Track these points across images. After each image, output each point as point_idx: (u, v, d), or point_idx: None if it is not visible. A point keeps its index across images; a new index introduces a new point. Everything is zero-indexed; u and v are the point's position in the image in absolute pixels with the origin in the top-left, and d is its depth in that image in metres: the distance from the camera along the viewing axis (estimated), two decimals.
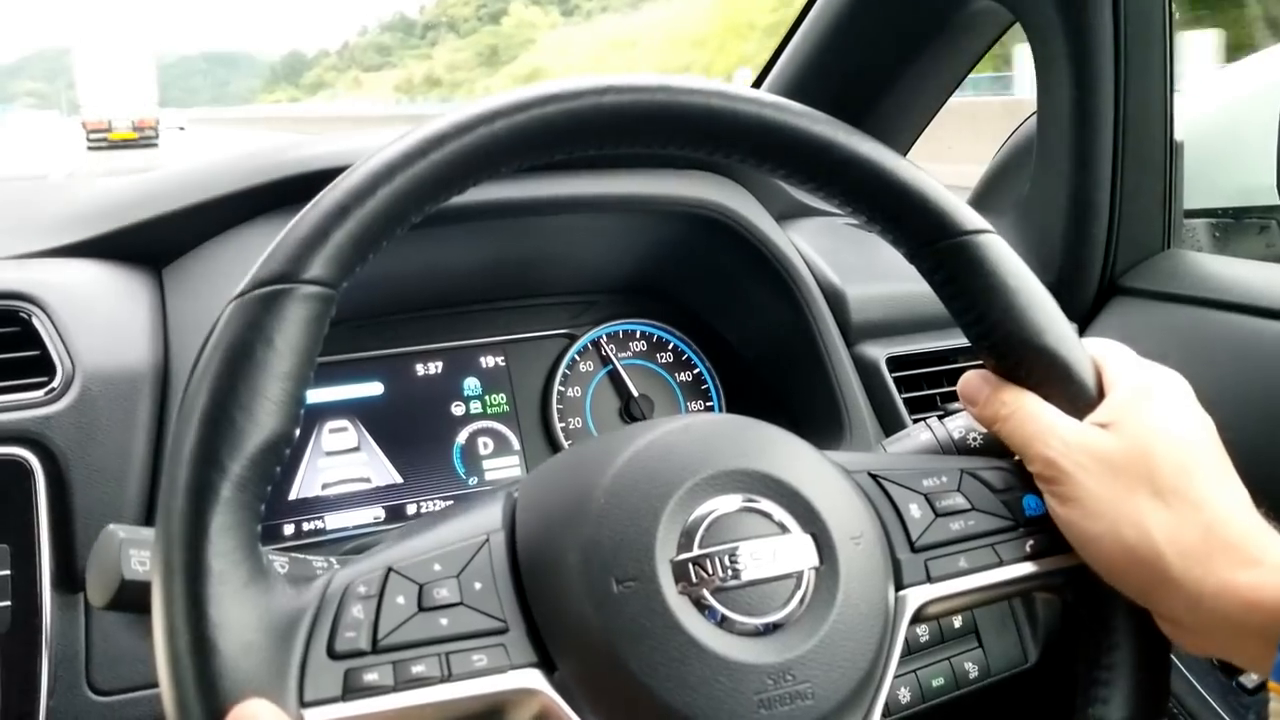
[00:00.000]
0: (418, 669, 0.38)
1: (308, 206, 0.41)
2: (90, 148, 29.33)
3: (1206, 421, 0.47)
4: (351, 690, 0.37)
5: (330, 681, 0.37)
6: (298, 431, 0.40)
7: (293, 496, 0.79)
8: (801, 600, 0.42)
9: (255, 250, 0.41)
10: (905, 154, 0.48)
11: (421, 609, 0.39)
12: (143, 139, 31.53)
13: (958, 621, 0.79)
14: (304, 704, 0.37)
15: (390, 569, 0.40)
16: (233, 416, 0.38)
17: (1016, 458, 0.50)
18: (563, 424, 0.88)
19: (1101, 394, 0.48)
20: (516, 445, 0.87)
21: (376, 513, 0.81)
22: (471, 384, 0.88)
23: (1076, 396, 0.48)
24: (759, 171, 0.48)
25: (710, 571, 0.41)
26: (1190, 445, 0.45)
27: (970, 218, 0.48)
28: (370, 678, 0.38)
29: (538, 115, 0.43)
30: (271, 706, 0.36)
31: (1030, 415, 0.48)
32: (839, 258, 0.90)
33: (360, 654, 0.38)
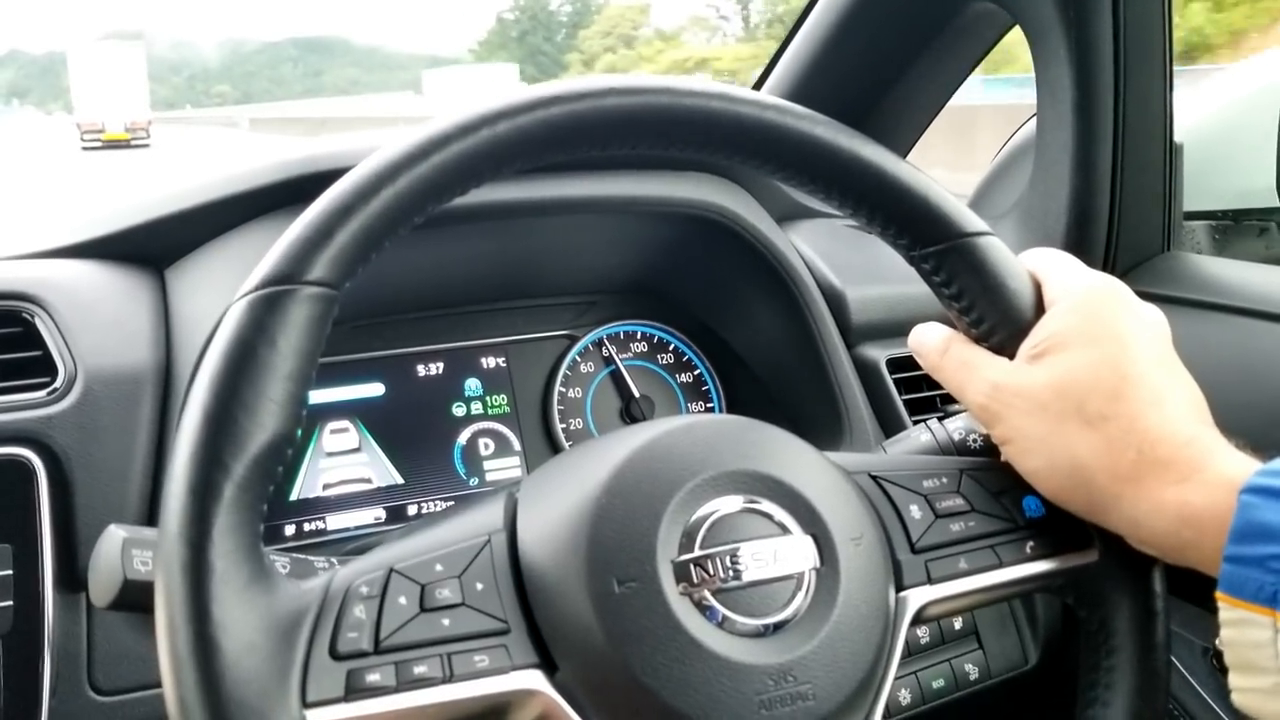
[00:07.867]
0: (420, 670, 0.38)
1: (311, 207, 0.41)
2: (84, 148, 29.53)
3: (1147, 327, 0.47)
4: (354, 691, 0.37)
5: (332, 682, 0.37)
6: (300, 432, 0.40)
7: (294, 497, 0.79)
8: (802, 601, 0.42)
9: (258, 251, 0.41)
10: (904, 157, 0.49)
11: (423, 610, 0.40)
12: (135, 140, 31.84)
13: (958, 623, 0.79)
14: (306, 704, 0.37)
15: (392, 569, 0.40)
16: (235, 417, 0.38)
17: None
18: (564, 425, 0.88)
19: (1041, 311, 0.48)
20: (517, 446, 0.87)
21: (377, 513, 0.81)
22: (473, 384, 0.88)
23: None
24: (759, 173, 0.49)
25: (711, 572, 0.41)
26: (1122, 364, 0.45)
27: (970, 220, 0.49)
28: (372, 678, 0.38)
29: (540, 117, 0.43)
30: None
31: (962, 362, 0.50)
32: (839, 259, 0.90)
33: (362, 655, 0.38)
